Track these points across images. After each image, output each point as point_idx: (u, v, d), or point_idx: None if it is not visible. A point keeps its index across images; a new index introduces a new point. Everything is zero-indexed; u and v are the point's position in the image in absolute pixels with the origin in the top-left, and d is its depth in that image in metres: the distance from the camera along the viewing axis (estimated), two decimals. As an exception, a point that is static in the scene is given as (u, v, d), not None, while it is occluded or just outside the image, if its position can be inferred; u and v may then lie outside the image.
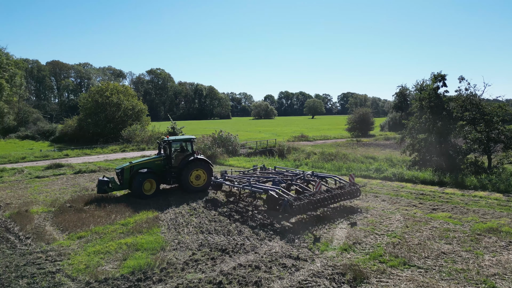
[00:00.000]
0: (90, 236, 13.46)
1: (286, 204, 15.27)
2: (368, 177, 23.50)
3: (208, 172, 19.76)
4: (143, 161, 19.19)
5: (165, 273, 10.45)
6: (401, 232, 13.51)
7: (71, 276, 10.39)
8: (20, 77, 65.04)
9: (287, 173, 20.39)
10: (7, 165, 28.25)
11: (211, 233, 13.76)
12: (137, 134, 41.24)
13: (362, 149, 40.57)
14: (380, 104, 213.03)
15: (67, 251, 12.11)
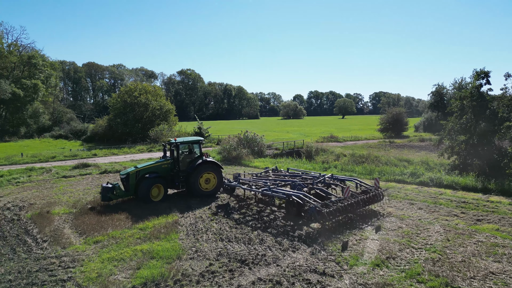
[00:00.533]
0: (107, 241, 12.97)
1: (313, 211, 14.23)
2: (402, 181, 21.87)
3: (218, 175, 18.75)
4: (149, 165, 18.04)
5: (179, 286, 9.70)
6: (441, 247, 12.08)
7: (82, 285, 9.84)
8: (55, 78, 67.34)
9: (304, 175, 19.32)
10: (37, 164, 28.77)
11: (231, 241, 12.91)
12: (164, 134, 41.27)
13: (395, 151, 38.48)
14: (414, 103, 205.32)
15: (81, 257, 11.64)
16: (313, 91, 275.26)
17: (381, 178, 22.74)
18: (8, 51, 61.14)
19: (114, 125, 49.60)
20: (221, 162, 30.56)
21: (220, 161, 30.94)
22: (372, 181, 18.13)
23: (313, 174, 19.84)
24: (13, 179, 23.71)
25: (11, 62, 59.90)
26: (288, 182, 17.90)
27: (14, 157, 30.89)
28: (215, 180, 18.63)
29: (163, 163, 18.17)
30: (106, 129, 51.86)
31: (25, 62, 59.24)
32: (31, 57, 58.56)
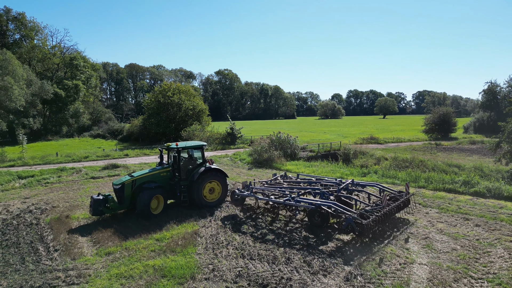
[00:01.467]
0: (119, 253, 11.92)
1: (351, 222, 12.62)
2: (453, 191, 19.25)
3: (223, 184, 17.04)
4: (146, 174, 15.84)
5: (188, 315, 8.33)
6: (508, 277, 9.85)
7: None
8: (95, 79, 69.30)
9: (323, 182, 17.55)
10: (69, 164, 28.88)
11: (253, 259, 11.38)
12: (196, 134, 40.58)
13: (443, 155, 35.09)
14: (462, 103, 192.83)
15: (89, 272, 10.62)
16: (353, 90, 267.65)
17: (428, 187, 20.28)
18: (52, 53, 63.69)
19: (148, 125, 49.79)
20: (251, 165, 29.20)
21: (250, 164, 29.58)
22: (405, 188, 16.15)
23: (327, 179, 18.21)
24: (43, 179, 23.68)
25: (54, 64, 62.32)
26: (307, 190, 16.23)
27: (49, 157, 31.30)
28: (219, 190, 17.00)
29: (161, 170, 16.17)
30: (141, 129, 52.26)
31: (67, 64, 61.34)
32: (73, 58, 60.54)
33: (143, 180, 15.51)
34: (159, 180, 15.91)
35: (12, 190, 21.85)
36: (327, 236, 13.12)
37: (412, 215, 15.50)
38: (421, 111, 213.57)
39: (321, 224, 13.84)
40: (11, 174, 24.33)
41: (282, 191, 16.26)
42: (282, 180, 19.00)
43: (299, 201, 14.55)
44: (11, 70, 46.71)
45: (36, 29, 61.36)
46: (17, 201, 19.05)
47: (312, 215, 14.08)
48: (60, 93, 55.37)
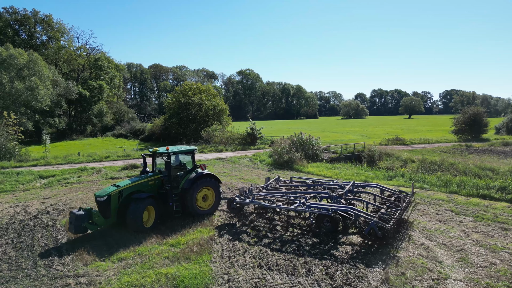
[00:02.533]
0: (132, 259, 11.46)
1: (374, 226, 12.06)
2: (489, 197, 17.86)
3: (216, 190, 15.95)
4: (133, 183, 14.17)
5: (199, 332, 7.70)
6: (558, 299, 8.72)
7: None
8: (119, 79, 70.35)
9: (325, 184, 17.07)
10: (90, 164, 28.99)
11: (271, 269, 10.67)
12: (216, 135, 40.16)
13: (475, 157, 33.18)
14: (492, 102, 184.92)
15: (100, 279, 10.20)
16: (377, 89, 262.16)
17: (460, 192, 18.92)
18: (77, 54, 65.11)
19: (169, 125, 49.89)
20: (271, 166, 28.45)
21: (270, 165, 28.84)
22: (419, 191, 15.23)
23: (322, 181, 17.99)
24: (64, 179, 23.77)
25: (79, 65, 63.66)
26: (312, 194, 15.50)
27: (71, 156, 31.61)
28: (213, 197, 15.92)
29: (149, 179, 14.62)
30: (162, 129, 52.49)
31: (92, 64, 62.50)
32: (97, 59, 61.63)
33: (131, 190, 13.98)
34: (148, 190, 14.45)
35: (32, 190, 21.98)
36: (334, 240, 12.60)
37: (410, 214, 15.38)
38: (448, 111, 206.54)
39: (332, 229, 13.10)
40: (33, 173, 24.55)
41: (287, 197, 15.45)
42: (277, 184, 18.12)
43: (313, 206, 13.72)
44: (37, 71, 47.85)
45: (63, 30, 62.89)
46: (36, 201, 19.06)
47: (321, 220, 13.37)
48: (84, 93, 56.41)
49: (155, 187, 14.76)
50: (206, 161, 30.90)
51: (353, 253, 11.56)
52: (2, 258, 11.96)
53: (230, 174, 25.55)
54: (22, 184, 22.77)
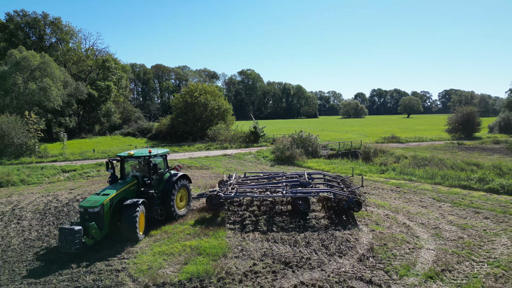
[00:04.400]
0: (159, 235, 13.65)
1: (352, 201, 15.27)
2: (468, 187, 20.10)
3: (188, 191, 16.32)
4: (119, 190, 13.40)
5: (221, 284, 9.91)
6: (507, 261, 10.94)
7: (133, 276, 10.48)
8: (126, 80, 72.61)
9: (279, 175, 20.07)
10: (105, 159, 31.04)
11: (277, 242, 12.88)
12: (221, 133, 42.37)
13: (464, 154, 35.38)
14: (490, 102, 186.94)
15: (136, 249, 12.39)
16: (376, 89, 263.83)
17: (444, 183, 21.17)
18: (85, 55, 67.40)
19: (176, 124, 52.15)
20: (273, 162, 30.67)
21: (272, 161, 31.05)
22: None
23: (274, 173, 21.19)
24: (84, 173, 25.97)
25: (88, 66, 65.92)
26: (284, 183, 17.59)
27: (87, 153, 33.83)
28: (186, 197, 16.24)
29: (130, 184, 14.01)
30: (169, 128, 54.75)
31: (99, 65, 64.77)
32: (105, 60, 63.89)
33: (119, 197, 13.35)
34: (131, 196, 13.90)
35: (58, 182, 24.22)
36: (308, 217, 15.49)
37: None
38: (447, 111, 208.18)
39: (306, 209, 15.73)
40: (56, 168, 26.77)
41: (266, 187, 17.11)
42: (239, 179, 19.33)
43: (300, 192, 16.02)
44: (49, 72, 50.01)
45: (71, 33, 65.08)
46: (64, 191, 21.27)
47: (297, 203, 15.77)
48: (93, 93, 58.65)
49: (134, 193, 14.21)
50: (213, 157, 33.14)
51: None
52: (49, 235, 14.19)
53: (237, 168, 27.73)
54: (47, 177, 25.00)
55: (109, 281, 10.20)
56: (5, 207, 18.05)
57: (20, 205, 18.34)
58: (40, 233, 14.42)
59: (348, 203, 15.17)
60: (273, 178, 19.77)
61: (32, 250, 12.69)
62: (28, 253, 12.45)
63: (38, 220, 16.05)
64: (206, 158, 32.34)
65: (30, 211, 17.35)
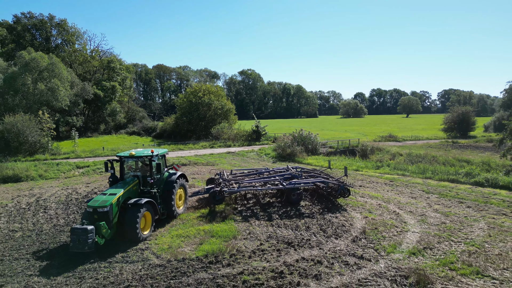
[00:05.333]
0: (175, 221, 15.30)
1: (343, 188, 17.43)
2: (456, 181, 21.73)
3: (186, 190, 16.83)
4: (124, 190, 13.50)
5: (233, 259, 11.52)
6: (481, 241, 12.56)
7: (156, 253, 12.11)
8: (130, 80, 74.27)
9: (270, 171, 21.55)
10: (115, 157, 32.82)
11: (280, 227, 14.50)
12: (225, 132, 43.97)
13: (457, 152, 37.02)
14: (488, 102, 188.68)
15: (155, 233, 14.01)
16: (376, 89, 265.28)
17: (433, 177, 22.81)
18: (91, 56, 69.06)
19: (181, 123, 53.83)
20: (275, 159, 32.30)
21: (274, 158, 32.68)
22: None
23: (257, 168, 23.22)
24: (97, 169, 27.58)
25: (93, 66, 67.55)
26: (276, 176, 19.26)
27: (97, 150, 35.45)
28: (184, 196, 16.68)
29: (132, 184, 14.16)
30: (173, 127, 56.43)
31: (104, 66, 66.45)
32: (110, 61, 65.57)
33: (125, 196, 13.54)
34: (134, 195, 14.15)
35: (73, 177, 25.85)
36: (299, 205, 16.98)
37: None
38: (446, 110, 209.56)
39: (300, 199, 17.41)
40: (70, 164, 28.39)
41: (264, 181, 18.72)
42: (229, 176, 20.31)
43: (298, 183, 17.76)
44: (57, 73, 51.59)
45: (77, 34, 66.69)
46: (82, 185, 22.90)
47: (290, 193, 17.34)
48: (99, 93, 60.28)
49: (136, 193, 14.39)
50: (218, 155, 34.76)
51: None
52: (75, 221, 15.82)
53: (240, 165, 29.34)
54: (63, 172, 26.64)
55: (136, 257, 11.84)
56: (29, 199, 19.69)
57: (43, 197, 19.96)
58: (67, 220, 16.06)
59: (340, 190, 17.13)
60: (261, 173, 20.93)
61: (63, 234, 14.32)
62: (60, 236, 14.09)
63: (62, 209, 17.68)
64: (211, 156, 33.96)
65: (53, 202, 18.97)
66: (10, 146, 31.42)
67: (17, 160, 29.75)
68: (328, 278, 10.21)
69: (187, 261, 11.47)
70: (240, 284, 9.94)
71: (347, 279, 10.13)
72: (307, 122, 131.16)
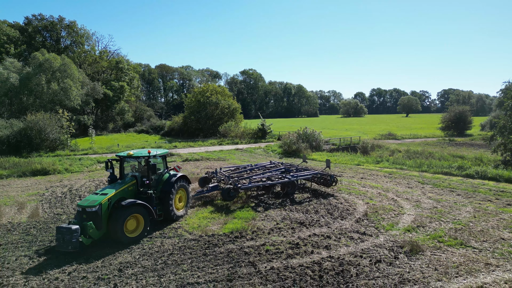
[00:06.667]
0: (199, 206, 17.37)
1: (333, 177, 19.87)
2: (449, 174, 23.82)
3: (188, 191, 16.24)
4: (117, 190, 13.30)
5: (255, 235, 13.58)
6: (467, 221, 14.64)
7: (188, 231, 14.18)
8: (137, 80, 76.40)
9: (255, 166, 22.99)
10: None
11: (292, 211, 16.58)
12: (232, 130, 46.06)
13: (452, 149, 39.15)
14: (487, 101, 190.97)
15: (185, 217, 16.08)
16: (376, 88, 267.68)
17: (429, 171, 24.89)
18: (99, 57, 71.19)
19: (189, 122, 55.99)
20: (281, 155, 34.39)
21: (280, 154, 34.77)
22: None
23: (246, 164, 24.35)
24: (117, 163, 29.62)
25: (102, 67, 69.69)
26: (272, 171, 21.01)
27: (113, 147, 37.56)
28: (185, 198, 16.19)
29: (128, 185, 13.92)
30: (181, 125, 58.55)
31: (113, 67, 68.58)
32: (119, 62, 67.75)
33: (117, 197, 13.27)
34: (129, 196, 13.85)
35: (96, 171, 27.90)
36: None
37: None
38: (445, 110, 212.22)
39: (295, 190, 19.49)
40: (91, 159, 30.48)
41: (269, 175, 20.08)
42: (223, 172, 21.16)
43: (299, 176, 19.84)
44: (69, 73, 53.69)
45: (86, 35, 68.79)
46: (106, 178, 24.94)
47: (285, 186, 19.23)
48: (108, 93, 62.39)
49: (133, 193, 14.12)
50: (227, 151, 36.85)
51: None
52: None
53: (249, 160, 31.39)
54: (86, 167, 28.70)
55: (172, 234, 13.89)
56: (62, 189, 21.75)
57: (74, 188, 22.03)
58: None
59: (332, 179, 19.52)
60: (253, 170, 22.03)
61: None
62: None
63: (95, 197, 19.70)
64: (221, 152, 36.06)
65: (85, 191, 21.03)
66: (32, 142, 33.47)
67: (40, 156, 31.80)
68: (336, 248, 12.27)
69: (216, 236, 13.53)
70: (263, 252, 11.99)
71: (352, 249, 12.19)
72: (308, 121, 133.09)
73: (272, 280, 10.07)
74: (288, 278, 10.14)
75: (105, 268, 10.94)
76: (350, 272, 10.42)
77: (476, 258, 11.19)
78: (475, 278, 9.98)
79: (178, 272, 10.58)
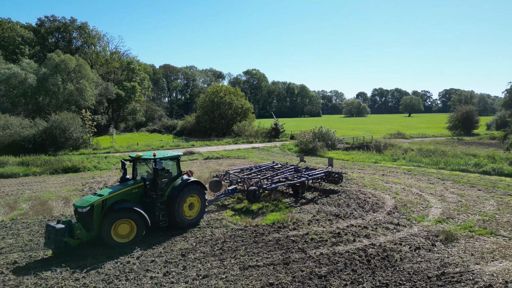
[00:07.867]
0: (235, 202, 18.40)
1: (340, 176, 20.79)
2: (466, 171, 24.83)
3: (202, 198, 15.01)
4: (117, 192, 12.90)
5: (296, 225, 14.58)
6: (492, 213, 15.65)
7: (232, 221, 15.20)
8: (148, 81, 77.54)
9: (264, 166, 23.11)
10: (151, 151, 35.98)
11: (324, 205, 17.60)
12: (246, 129, 47.12)
13: (463, 147, 40.16)
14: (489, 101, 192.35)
15: (222, 209, 17.11)
16: (378, 88, 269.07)
17: (446, 168, 25.91)
18: (111, 58, 72.30)
19: (202, 122, 57.09)
20: (298, 153, 35.36)
21: (297, 152, 35.75)
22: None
23: (253, 164, 25.59)
24: (142, 161, 30.67)
25: (113, 67, 70.79)
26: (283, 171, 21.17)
27: (133, 146, 38.62)
28: (198, 205, 14.95)
29: (133, 187, 13.43)
30: (194, 125, 59.62)
31: (124, 67, 69.68)
32: (130, 62, 68.87)
33: (114, 199, 12.74)
34: (132, 199, 13.31)
35: (123, 168, 28.88)
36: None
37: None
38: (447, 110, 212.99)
39: (305, 190, 19.98)
40: (116, 157, 31.50)
41: (284, 177, 20.31)
42: (236, 174, 20.81)
43: (311, 175, 20.27)
44: (84, 74, 54.74)
45: (98, 36, 69.90)
46: (135, 175, 25.94)
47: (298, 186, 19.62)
48: (120, 93, 63.48)
49: (138, 196, 13.59)
50: (244, 150, 37.86)
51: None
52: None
53: (268, 159, 32.37)
54: (113, 164, 29.73)
55: (218, 224, 14.92)
56: (98, 185, 22.76)
57: (108, 183, 23.01)
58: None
59: (340, 176, 20.50)
60: (261, 170, 21.98)
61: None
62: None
63: (133, 192, 20.71)
64: (238, 150, 37.08)
65: (120, 187, 22.02)
66: (57, 141, 34.48)
67: (67, 154, 32.83)
68: (376, 237, 13.27)
69: (260, 226, 14.54)
70: (309, 240, 12.99)
71: (390, 238, 13.18)
72: (312, 121, 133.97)
73: (325, 263, 11.07)
74: (339, 262, 11.14)
75: (168, 254, 11.93)
76: (394, 257, 11.40)
77: (508, 245, 12.19)
78: (510, 262, 10.98)
79: (237, 257, 11.58)
